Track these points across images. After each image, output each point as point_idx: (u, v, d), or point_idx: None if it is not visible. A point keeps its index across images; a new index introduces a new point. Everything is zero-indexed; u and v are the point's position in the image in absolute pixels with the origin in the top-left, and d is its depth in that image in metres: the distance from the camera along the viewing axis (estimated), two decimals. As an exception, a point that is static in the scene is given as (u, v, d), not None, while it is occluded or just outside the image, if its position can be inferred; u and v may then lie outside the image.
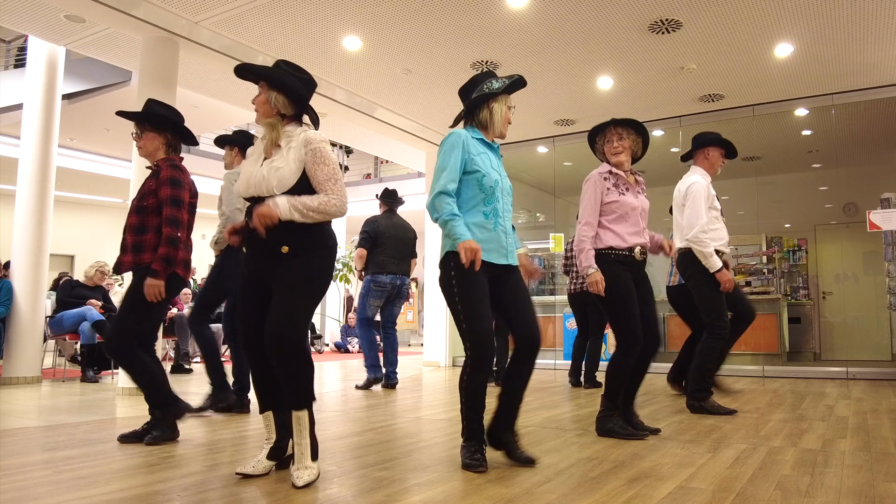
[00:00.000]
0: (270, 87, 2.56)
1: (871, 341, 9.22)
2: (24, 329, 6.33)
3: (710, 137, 4.27)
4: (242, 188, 2.57)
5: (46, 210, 6.54)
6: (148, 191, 3.23)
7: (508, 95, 2.78)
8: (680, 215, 4.20)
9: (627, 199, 3.35)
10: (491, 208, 2.63)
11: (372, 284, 5.88)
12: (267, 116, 2.57)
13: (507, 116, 2.77)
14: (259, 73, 2.59)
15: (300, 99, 2.60)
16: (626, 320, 3.28)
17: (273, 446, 2.53)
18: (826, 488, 2.30)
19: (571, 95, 7.30)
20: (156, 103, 3.39)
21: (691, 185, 4.11)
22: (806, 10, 5.28)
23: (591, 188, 3.38)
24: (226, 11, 5.40)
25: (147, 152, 3.34)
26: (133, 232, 3.22)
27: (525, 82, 2.81)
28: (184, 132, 3.41)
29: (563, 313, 8.63)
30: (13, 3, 5.47)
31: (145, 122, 3.32)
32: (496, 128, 2.76)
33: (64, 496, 2.20)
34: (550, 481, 2.40)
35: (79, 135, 10.01)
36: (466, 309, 2.53)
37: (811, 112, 7.49)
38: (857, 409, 4.40)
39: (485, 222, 2.61)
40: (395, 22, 5.61)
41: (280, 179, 2.46)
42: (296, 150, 2.50)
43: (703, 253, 4.02)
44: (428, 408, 4.68)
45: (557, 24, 5.62)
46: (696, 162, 4.30)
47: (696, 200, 4.05)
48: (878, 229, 6.72)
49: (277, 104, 2.56)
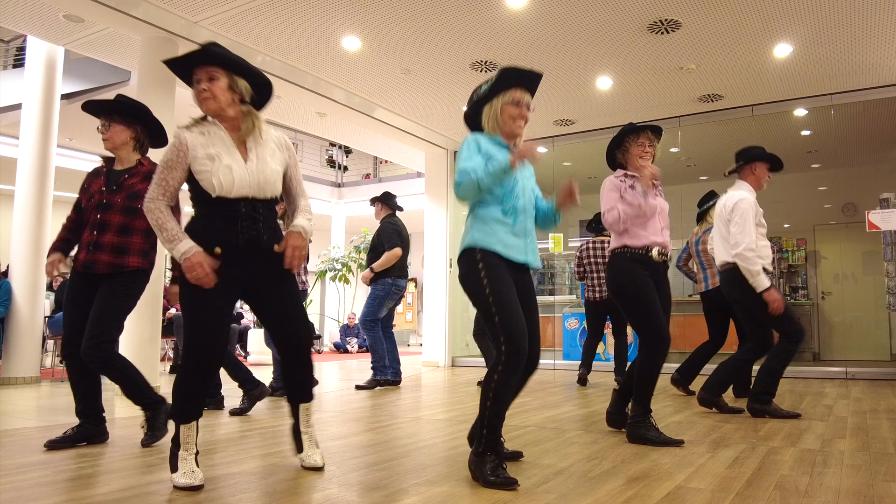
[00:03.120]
0: (232, 71, 2.41)
1: (870, 341, 9.23)
2: (23, 329, 6.32)
3: (757, 153, 4.17)
4: (234, 188, 2.35)
5: (45, 210, 6.54)
6: (139, 192, 3.08)
7: (508, 91, 2.57)
8: (725, 230, 4.08)
9: (647, 201, 3.27)
10: (510, 206, 2.50)
11: (393, 287, 5.90)
12: (229, 105, 2.41)
13: (510, 113, 2.55)
14: (216, 54, 2.40)
15: (266, 84, 2.53)
16: (649, 321, 3.20)
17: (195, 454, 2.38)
18: (825, 488, 2.30)
19: (571, 95, 7.30)
20: (124, 97, 3.25)
21: (739, 201, 3.99)
22: (805, 11, 5.28)
23: (611, 187, 3.31)
24: (225, 11, 5.39)
25: (113, 145, 3.17)
26: (116, 232, 3.09)
27: (515, 70, 2.59)
28: (154, 126, 3.26)
29: (563, 313, 8.64)
30: (12, 3, 5.47)
31: (114, 112, 3.17)
32: (501, 130, 2.59)
33: (63, 496, 2.20)
34: (550, 481, 2.40)
35: (78, 135, 10.00)
36: (499, 302, 2.36)
37: (810, 112, 7.50)
38: (856, 409, 4.40)
39: (504, 218, 2.48)
40: (394, 22, 5.61)
41: (277, 182, 2.49)
42: (280, 154, 2.50)
43: (749, 271, 3.90)
44: (427, 408, 4.68)
45: (557, 25, 5.62)
46: (741, 176, 4.19)
47: (744, 217, 3.93)
48: (877, 229, 6.72)
49: (243, 90, 2.44)
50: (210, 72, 2.39)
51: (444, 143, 9.16)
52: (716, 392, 4.21)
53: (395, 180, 13.78)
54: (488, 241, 2.45)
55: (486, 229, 2.47)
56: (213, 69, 2.40)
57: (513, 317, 2.35)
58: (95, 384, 3.17)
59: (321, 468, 2.58)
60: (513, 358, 2.33)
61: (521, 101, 2.58)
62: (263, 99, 2.56)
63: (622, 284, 3.28)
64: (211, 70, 2.40)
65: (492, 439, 2.36)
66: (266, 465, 2.70)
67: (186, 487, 2.25)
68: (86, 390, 3.13)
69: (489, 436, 2.35)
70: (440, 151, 9.37)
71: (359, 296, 15.48)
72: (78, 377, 3.11)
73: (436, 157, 9.48)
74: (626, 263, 3.27)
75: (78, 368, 3.10)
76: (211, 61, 2.40)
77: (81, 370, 3.10)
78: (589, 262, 6.07)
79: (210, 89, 2.39)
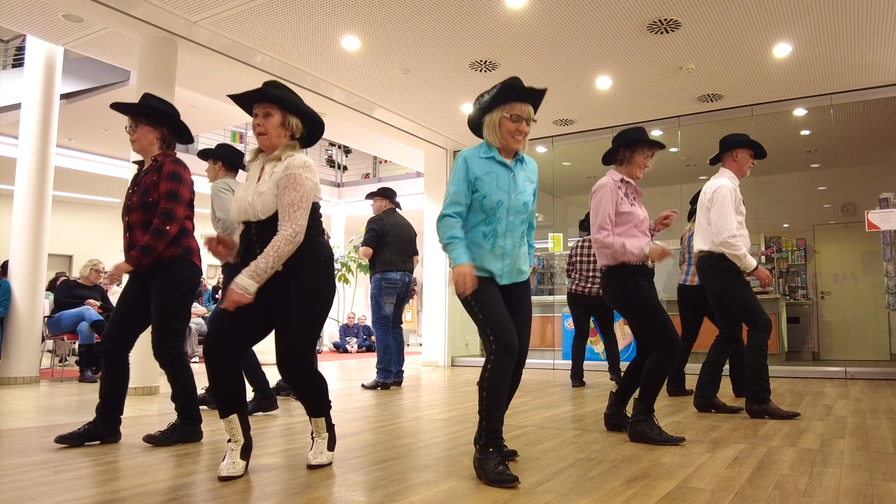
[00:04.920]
0: (287, 110, 2.57)
1: (869, 341, 9.23)
2: (23, 329, 6.32)
3: (738, 139, 4.18)
4: (234, 214, 2.58)
5: (44, 210, 6.54)
6: (151, 186, 3.14)
7: (508, 105, 2.55)
8: (705, 218, 4.10)
9: (636, 212, 3.32)
10: (490, 229, 2.57)
11: (383, 282, 5.89)
12: (279, 139, 2.57)
13: (508, 128, 2.55)
14: (277, 98, 2.55)
15: (319, 125, 2.65)
16: (659, 327, 3.23)
17: (243, 446, 2.53)
18: (824, 488, 2.30)
19: (570, 95, 7.30)
20: (152, 97, 3.29)
21: (718, 188, 4.01)
22: (805, 11, 5.28)
23: (608, 195, 3.29)
24: (224, 11, 5.39)
25: (141, 147, 3.23)
26: (142, 228, 3.13)
27: (516, 86, 2.55)
28: (180, 127, 3.31)
29: (563, 313, 8.64)
30: (11, 3, 5.46)
31: (141, 115, 3.22)
32: (499, 142, 2.59)
33: (63, 496, 2.20)
34: (549, 481, 2.40)
35: (77, 134, 10.00)
36: (480, 303, 2.49)
37: (810, 112, 7.50)
38: (856, 409, 4.40)
39: (482, 241, 2.57)
40: (393, 22, 5.61)
41: (263, 205, 2.50)
42: (276, 175, 2.52)
43: (736, 256, 3.93)
44: (427, 408, 4.68)
45: (556, 24, 5.62)
46: (724, 164, 4.20)
47: (723, 204, 3.95)
48: (877, 229, 6.72)
49: (295, 128, 2.59)
50: (267, 108, 2.57)
51: (443, 142, 9.16)
52: (709, 394, 4.24)
53: (394, 180, 13.77)
54: None
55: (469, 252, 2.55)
56: (270, 107, 2.57)
57: (495, 313, 2.48)
58: (121, 384, 3.19)
59: (324, 466, 2.62)
60: (501, 346, 2.44)
61: (521, 116, 2.57)
62: (314, 137, 2.69)
63: (626, 300, 3.29)
64: (268, 107, 2.57)
65: (492, 432, 2.41)
66: (269, 463, 2.71)
67: (224, 478, 2.40)
68: (110, 387, 3.15)
69: (488, 427, 2.41)
70: (440, 151, 9.37)
71: (358, 295, 15.48)
72: (106, 373, 3.16)
73: (435, 157, 9.48)
74: (626, 276, 3.28)
75: (109, 365, 3.15)
76: (269, 100, 2.57)
77: (110, 367, 3.15)
78: (578, 260, 6.19)
79: (264, 125, 2.56)
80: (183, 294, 3.18)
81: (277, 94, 2.56)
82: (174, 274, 3.15)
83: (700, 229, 4.17)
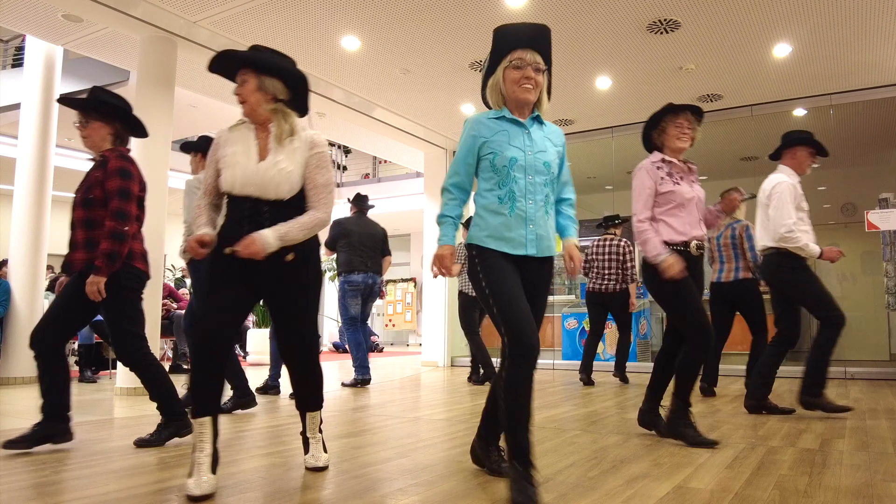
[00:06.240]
0: (260, 72, 2.37)
1: (869, 341, 9.22)
2: (22, 329, 6.31)
3: (799, 136, 4.17)
4: (237, 185, 2.33)
5: (44, 210, 6.54)
6: (94, 182, 3.00)
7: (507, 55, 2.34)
8: (764, 215, 4.08)
9: (682, 189, 3.19)
10: (506, 191, 2.26)
11: (346, 285, 5.96)
12: (259, 105, 2.38)
13: (513, 76, 2.30)
14: (244, 58, 2.38)
15: (301, 80, 2.46)
16: (692, 315, 3.14)
17: (211, 458, 2.26)
18: (824, 488, 2.30)
19: (570, 95, 7.30)
20: (102, 91, 3.12)
21: (777, 184, 4.00)
22: (804, 11, 5.28)
23: (644, 177, 3.20)
24: (224, 11, 5.39)
25: (93, 143, 3.08)
26: (83, 227, 3.02)
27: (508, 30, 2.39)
28: (133, 122, 3.15)
29: (562, 313, 8.64)
30: (11, 3, 5.46)
31: (91, 110, 3.06)
32: (508, 98, 2.34)
33: (62, 496, 2.20)
34: (549, 481, 2.40)
35: (76, 134, 9.94)
36: (496, 292, 2.21)
37: (809, 112, 7.49)
38: (856, 409, 4.40)
39: (498, 206, 2.27)
40: (393, 22, 5.61)
41: (291, 185, 2.35)
42: (301, 152, 2.39)
43: (798, 247, 3.89)
44: (426, 408, 4.68)
45: (556, 24, 5.61)
46: (782, 161, 4.20)
47: (781, 200, 3.94)
48: (876, 229, 6.72)
49: (275, 90, 2.39)
50: (243, 75, 2.40)
51: (443, 142, 9.16)
52: (761, 395, 4.16)
53: (394, 180, 13.76)
54: (480, 237, 2.30)
55: (480, 223, 2.31)
56: (244, 71, 2.40)
57: (513, 304, 2.19)
58: (62, 378, 2.98)
59: (322, 469, 2.59)
60: (517, 346, 2.15)
61: (524, 60, 2.30)
62: (302, 96, 2.50)
63: (661, 284, 3.16)
64: (244, 73, 2.40)
65: (515, 447, 2.12)
66: (265, 465, 2.70)
67: (191, 497, 2.11)
68: (50, 384, 2.94)
69: (513, 442, 2.13)
70: (439, 151, 9.37)
71: (358, 296, 15.45)
72: (43, 370, 2.94)
73: (435, 157, 9.47)
74: None
75: (44, 362, 2.94)
76: (241, 64, 2.40)
77: (46, 364, 2.94)
78: (596, 258, 6.27)
79: (241, 93, 2.40)
80: (128, 299, 3.04)
81: (248, 56, 2.38)
82: (116, 285, 2.98)
83: (760, 227, 4.14)
